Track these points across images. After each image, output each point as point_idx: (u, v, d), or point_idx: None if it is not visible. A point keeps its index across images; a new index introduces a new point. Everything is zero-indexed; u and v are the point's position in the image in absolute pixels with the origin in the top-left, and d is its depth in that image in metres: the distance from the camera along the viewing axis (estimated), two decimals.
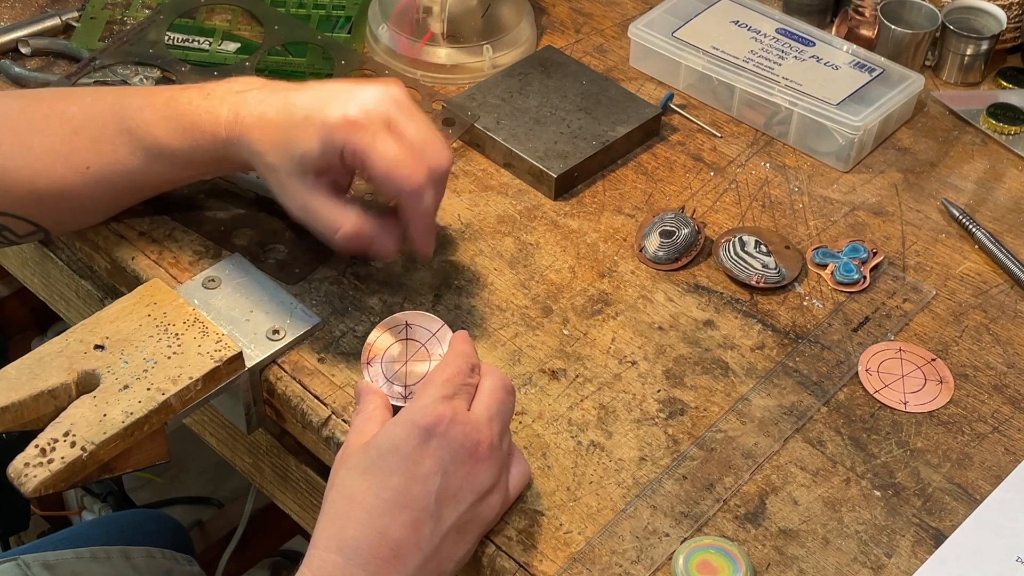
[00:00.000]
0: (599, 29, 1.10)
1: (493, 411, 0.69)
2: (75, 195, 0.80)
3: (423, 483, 0.65)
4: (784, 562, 0.70)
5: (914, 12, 1.06)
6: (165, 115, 0.78)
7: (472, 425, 0.67)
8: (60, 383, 0.72)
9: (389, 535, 0.63)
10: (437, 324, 0.76)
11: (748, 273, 0.86)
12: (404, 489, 0.64)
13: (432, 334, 0.76)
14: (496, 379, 0.71)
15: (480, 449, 0.67)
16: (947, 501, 0.74)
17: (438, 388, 0.68)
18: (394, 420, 0.67)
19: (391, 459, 0.65)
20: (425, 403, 0.67)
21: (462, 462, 0.66)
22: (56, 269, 0.97)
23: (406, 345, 0.75)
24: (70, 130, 0.79)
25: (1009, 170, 0.98)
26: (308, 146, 0.74)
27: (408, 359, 0.75)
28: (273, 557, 1.58)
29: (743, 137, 1.00)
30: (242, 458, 0.90)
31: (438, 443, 0.66)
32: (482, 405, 0.69)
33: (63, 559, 0.99)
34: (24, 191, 0.79)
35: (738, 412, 0.78)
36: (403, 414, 0.67)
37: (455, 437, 0.66)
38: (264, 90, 0.77)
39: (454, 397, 0.68)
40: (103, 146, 0.79)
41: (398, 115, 0.75)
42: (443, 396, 0.67)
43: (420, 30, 1.03)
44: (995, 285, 0.88)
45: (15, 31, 1.02)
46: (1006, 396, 0.80)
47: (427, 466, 0.65)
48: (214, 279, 0.82)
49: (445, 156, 0.76)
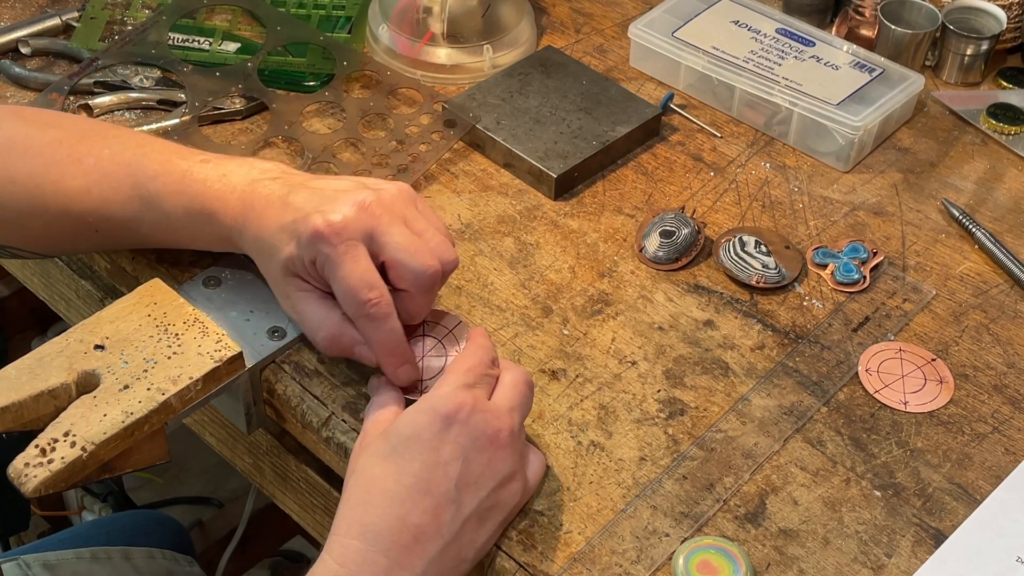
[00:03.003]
0: (599, 29, 1.10)
1: (515, 402, 0.70)
2: (83, 244, 0.83)
3: (444, 469, 0.65)
4: (784, 562, 0.70)
5: (914, 12, 1.06)
6: (179, 190, 0.76)
7: (493, 413, 0.68)
8: (60, 383, 0.72)
9: (410, 521, 0.64)
10: (454, 321, 0.76)
11: (748, 273, 0.86)
12: (425, 475, 0.65)
13: (449, 331, 0.76)
14: (518, 373, 0.72)
15: (501, 436, 0.67)
16: (947, 501, 0.74)
17: (459, 377, 0.69)
18: (415, 407, 0.68)
19: (412, 446, 0.65)
20: (446, 391, 0.68)
21: (483, 449, 0.66)
22: (56, 269, 0.97)
23: (423, 341, 0.76)
24: (83, 187, 0.78)
25: (1009, 170, 0.98)
26: (288, 252, 0.72)
27: (424, 355, 0.75)
28: (273, 557, 1.58)
29: (743, 137, 1.00)
30: (242, 458, 0.90)
31: (459, 430, 0.66)
32: (503, 396, 0.70)
33: (64, 559, 0.99)
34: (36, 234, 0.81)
35: (738, 412, 0.78)
36: (424, 401, 0.68)
37: (476, 424, 0.67)
38: (277, 182, 0.75)
39: (475, 386, 0.69)
40: (114, 207, 0.78)
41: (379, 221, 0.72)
42: (464, 384, 0.68)
43: (420, 30, 1.03)
44: (995, 285, 0.88)
45: (15, 31, 1.02)
46: (1006, 396, 0.80)
47: (448, 452, 0.65)
48: (214, 279, 0.82)
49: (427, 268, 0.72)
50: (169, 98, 0.97)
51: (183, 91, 0.97)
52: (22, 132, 0.81)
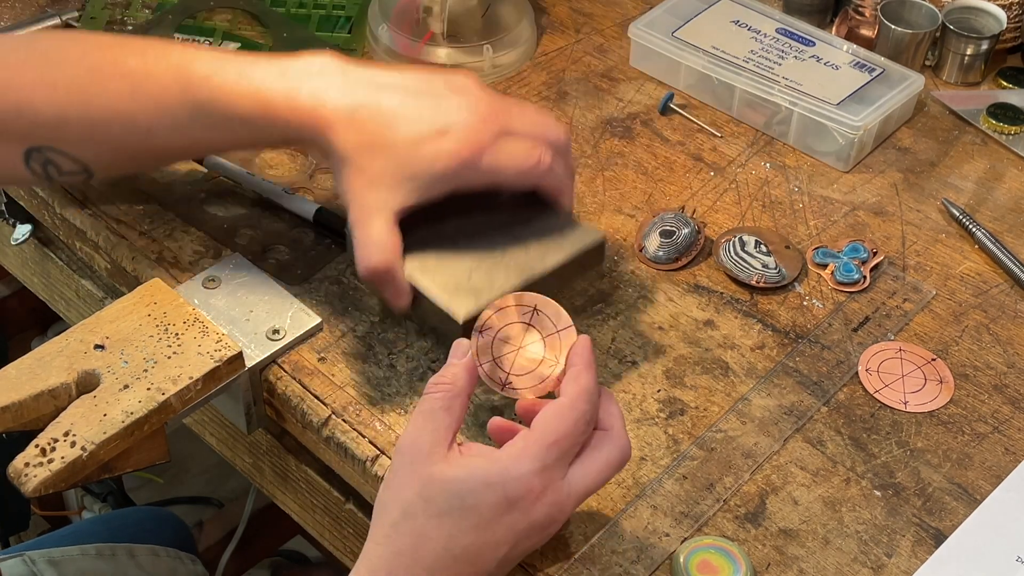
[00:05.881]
0: (599, 29, 1.10)
1: (591, 488, 0.65)
2: (132, 150, 0.78)
3: (493, 550, 0.63)
4: (784, 562, 0.70)
5: (914, 12, 1.06)
6: (236, 91, 0.74)
7: (559, 506, 0.64)
8: (60, 383, 0.72)
9: None
10: (565, 322, 0.69)
11: (748, 273, 0.86)
12: (474, 551, 0.63)
13: (557, 330, 0.69)
14: (616, 451, 0.66)
15: (552, 527, 0.65)
16: (947, 501, 0.74)
17: (542, 452, 0.63)
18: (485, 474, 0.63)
19: (471, 518, 0.63)
20: (523, 472, 0.63)
21: (532, 536, 0.65)
22: (56, 269, 0.97)
23: (526, 330, 0.69)
24: (130, 90, 0.75)
25: (1009, 170, 0.98)
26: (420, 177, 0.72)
27: (522, 346, 0.69)
28: (273, 557, 1.58)
29: (743, 137, 1.00)
30: (242, 458, 0.90)
31: (519, 516, 0.63)
32: (585, 479, 0.65)
33: (69, 556, 0.99)
34: (80, 137, 0.77)
35: (738, 412, 0.78)
36: (496, 472, 0.63)
37: (536, 516, 0.64)
38: (346, 77, 0.74)
39: (554, 466, 0.64)
40: (165, 112, 0.75)
41: (506, 117, 0.74)
42: (543, 467, 0.63)
43: (420, 30, 1.03)
44: (995, 285, 0.88)
45: (15, 31, 1.02)
46: (1006, 396, 0.80)
47: (501, 535, 0.63)
48: (214, 279, 0.82)
49: (561, 130, 0.77)
50: None
51: None
52: (57, 43, 0.80)
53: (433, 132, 0.72)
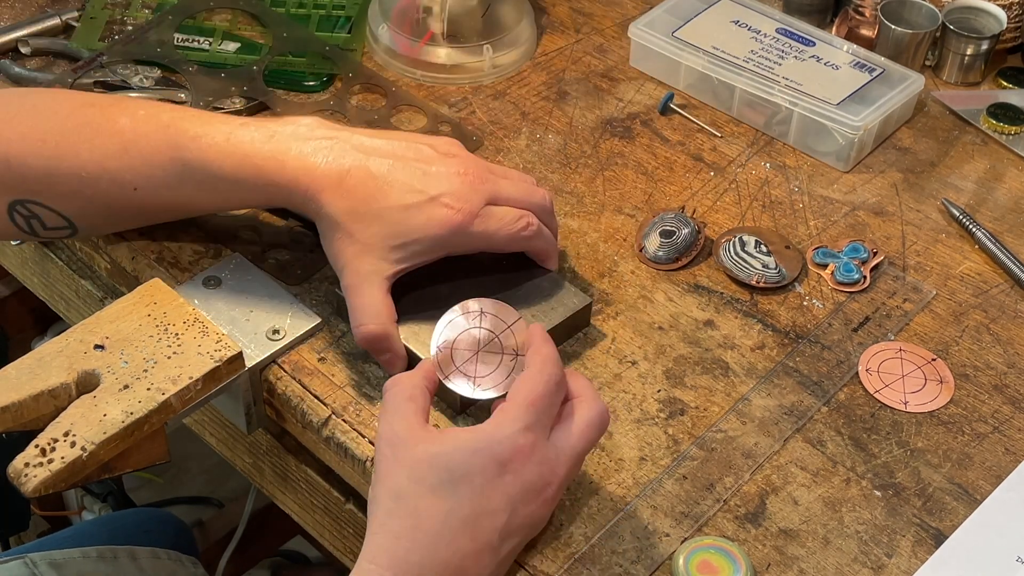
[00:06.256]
0: (599, 29, 1.10)
1: (577, 450, 0.67)
2: (118, 207, 0.79)
3: (491, 518, 0.64)
4: (784, 562, 0.70)
5: (914, 12, 1.06)
6: (225, 152, 0.75)
7: (549, 465, 0.65)
8: (60, 383, 0.72)
9: (453, 564, 0.63)
10: (513, 316, 0.73)
11: (748, 273, 0.86)
12: (472, 521, 0.63)
13: (507, 326, 0.72)
14: (592, 412, 0.68)
15: (548, 491, 0.66)
16: (947, 501, 0.74)
17: (521, 412, 0.65)
18: (472, 442, 0.64)
19: (464, 488, 0.63)
20: (506, 433, 0.64)
21: (529, 501, 0.65)
22: (56, 269, 0.97)
23: (479, 334, 0.73)
24: (120, 147, 0.76)
25: (1009, 170, 0.98)
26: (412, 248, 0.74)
27: (480, 349, 0.72)
28: (273, 557, 1.58)
29: (743, 137, 1.00)
30: (242, 458, 0.90)
31: (512, 479, 0.64)
32: (567, 439, 0.67)
33: (70, 558, 0.99)
34: (67, 192, 0.78)
35: (738, 412, 0.78)
36: (482, 438, 0.65)
37: (528, 476, 0.65)
38: (333, 142, 0.75)
39: (535, 425, 0.65)
40: (154, 171, 0.76)
41: (493, 183, 0.77)
42: (524, 426, 0.65)
43: (420, 30, 1.03)
44: (995, 285, 0.88)
45: (15, 31, 1.02)
46: (1006, 396, 0.80)
47: (497, 501, 0.64)
48: (214, 279, 0.82)
49: (545, 195, 0.80)
50: (169, 98, 0.97)
51: (183, 91, 0.97)
52: (47, 99, 0.81)
53: (424, 199, 0.74)
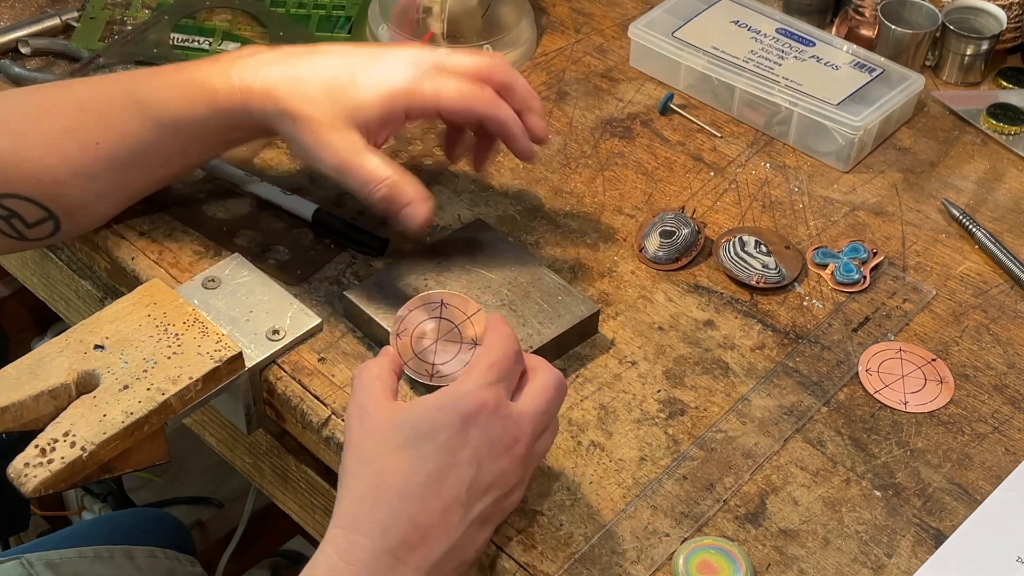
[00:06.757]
0: (599, 29, 1.10)
1: (539, 409, 0.67)
2: (86, 172, 0.79)
3: (457, 473, 0.64)
4: (784, 562, 0.70)
5: (914, 12, 1.06)
6: (174, 82, 0.78)
7: (513, 420, 0.66)
8: (60, 383, 0.72)
9: (419, 521, 0.63)
10: (473, 308, 0.74)
11: (748, 273, 0.86)
12: (439, 476, 0.63)
13: (467, 317, 0.73)
14: (549, 376, 0.69)
15: (516, 448, 0.66)
16: (947, 501, 0.74)
17: (483, 373, 0.66)
18: (434, 399, 0.65)
19: (428, 443, 0.64)
20: (468, 389, 0.65)
21: (497, 457, 0.65)
22: (56, 269, 0.97)
23: (439, 324, 0.73)
24: (77, 106, 0.79)
25: (1009, 170, 0.98)
26: (365, 100, 0.75)
27: (439, 338, 0.73)
28: (273, 557, 1.58)
29: (743, 137, 1.00)
30: (242, 458, 0.90)
31: (477, 433, 0.64)
32: (528, 401, 0.67)
33: (67, 558, 0.99)
34: (34, 169, 0.78)
35: (738, 412, 0.78)
36: (444, 396, 0.65)
37: (494, 429, 0.65)
38: (275, 53, 0.78)
39: (498, 383, 0.66)
40: (112, 119, 0.78)
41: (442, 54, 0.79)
42: (487, 383, 0.65)
43: (420, 30, 1.03)
44: (995, 285, 0.88)
45: (15, 31, 1.02)
46: (1006, 396, 0.80)
47: (463, 456, 0.64)
48: (214, 279, 0.82)
49: (502, 63, 0.80)
50: None
51: None
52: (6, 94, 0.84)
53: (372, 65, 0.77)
